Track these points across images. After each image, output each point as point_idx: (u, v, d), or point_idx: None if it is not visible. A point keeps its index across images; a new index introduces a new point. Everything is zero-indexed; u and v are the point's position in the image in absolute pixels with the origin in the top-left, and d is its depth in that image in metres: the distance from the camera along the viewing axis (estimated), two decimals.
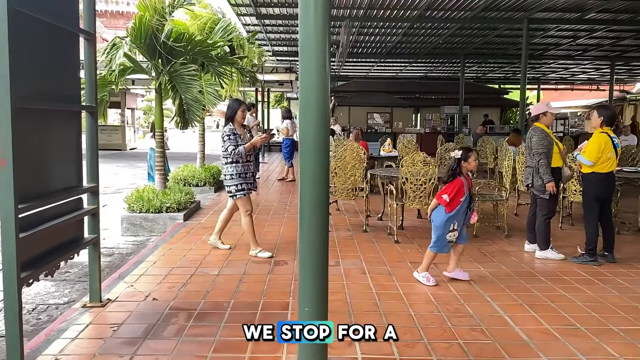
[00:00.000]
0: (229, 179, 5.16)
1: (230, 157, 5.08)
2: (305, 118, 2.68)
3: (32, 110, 2.88)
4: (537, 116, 5.44)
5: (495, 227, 6.57)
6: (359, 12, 13.40)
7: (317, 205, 2.72)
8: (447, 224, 4.30)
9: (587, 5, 12.56)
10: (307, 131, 2.68)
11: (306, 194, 2.71)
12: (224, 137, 5.09)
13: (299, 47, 2.69)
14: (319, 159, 2.68)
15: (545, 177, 5.18)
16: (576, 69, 24.49)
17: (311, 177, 2.69)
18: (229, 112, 5.20)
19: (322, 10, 2.61)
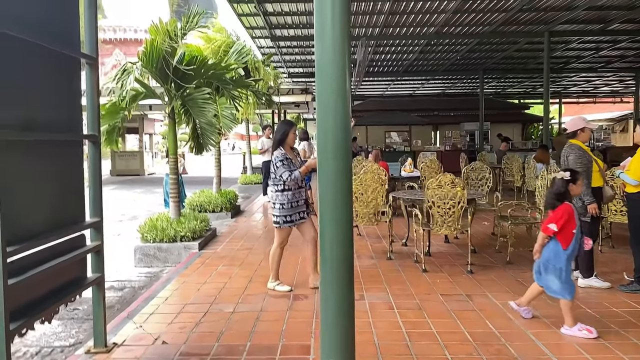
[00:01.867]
0: (279, 209, 4.67)
1: (283, 184, 4.63)
2: (325, 143, 2.38)
3: (22, 141, 2.62)
4: (574, 132, 5.05)
5: (530, 251, 6.10)
6: (375, 30, 13.22)
7: (340, 239, 2.40)
8: (569, 263, 3.76)
9: (610, 16, 12.18)
10: (326, 156, 2.39)
11: (327, 225, 2.39)
12: (277, 163, 4.62)
13: (316, 68, 2.40)
14: (341, 186, 2.38)
15: (587, 198, 4.76)
16: (599, 82, 23.92)
17: (333, 207, 2.38)
18: (279, 135, 4.75)
19: (341, 29, 2.33)
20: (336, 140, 2.38)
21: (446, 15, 11.87)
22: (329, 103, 2.37)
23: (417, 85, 23.90)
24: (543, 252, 3.81)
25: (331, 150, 2.39)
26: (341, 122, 2.38)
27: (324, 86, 2.38)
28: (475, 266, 5.56)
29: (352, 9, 11.40)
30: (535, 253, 3.85)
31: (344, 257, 2.44)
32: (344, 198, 2.41)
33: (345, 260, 2.44)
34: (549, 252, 3.77)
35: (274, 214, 4.76)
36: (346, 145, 2.39)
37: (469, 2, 11.00)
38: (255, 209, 10.97)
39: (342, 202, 2.42)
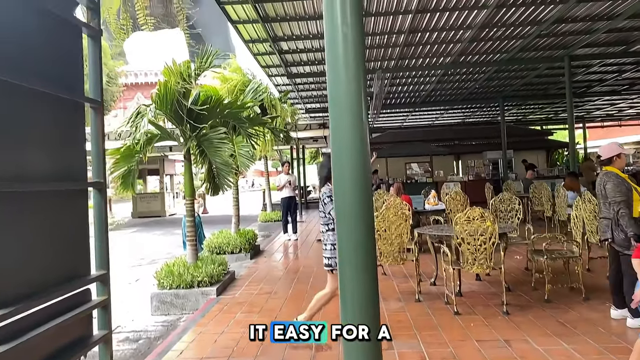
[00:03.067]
0: (330, 250, 4.30)
1: (334, 222, 4.40)
2: (341, 179, 2.15)
3: (14, 192, 2.44)
4: (609, 159, 4.72)
5: (569, 288, 5.68)
6: (391, 63, 13.14)
7: (363, 283, 2.12)
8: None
9: (632, 37, 11.87)
10: (343, 194, 2.15)
11: (348, 268, 2.13)
12: (324, 199, 4.34)
13: (329, 103, 2.20)
14: (362, 224, 2.13)
15: (630, 229, 4.38)
16: (623, 104, 23.36)
17: (353, 247, 2.12)
18: (325, 171, 4.45)
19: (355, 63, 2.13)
20: (354, 177, 2.14)
21: (462, 45, 11.72)
22: (344, 139, 2.15)
23: (436, 115, 23.68)
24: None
25: (349, 188, 2.15)
26: (359, 157, 2.15)
27: (338, 121, 2.16)
28: (511, 306, 5.16)
29: (367, 42, 11.37)
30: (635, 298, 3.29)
31: (368, 304, 2.16)
32: (365, 237, 2.15)
33: (369, 307, 2.16)
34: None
35: (325, 255, 4.38)
36: (366, 183, 2.14)
37: (485, 31, 10.85)
38: (276, 248, 10.70)
39: (363, 241, 2.16)
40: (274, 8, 9.20)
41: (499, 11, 9.57)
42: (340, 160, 2.15)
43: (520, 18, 10.07)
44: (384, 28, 10.47)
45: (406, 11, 9.45)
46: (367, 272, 2.15)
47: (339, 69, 2.11)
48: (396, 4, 9.10)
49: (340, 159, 2.15)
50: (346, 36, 2.11)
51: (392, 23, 10.13)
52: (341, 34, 2.11)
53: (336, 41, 2.13)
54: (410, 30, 10.52)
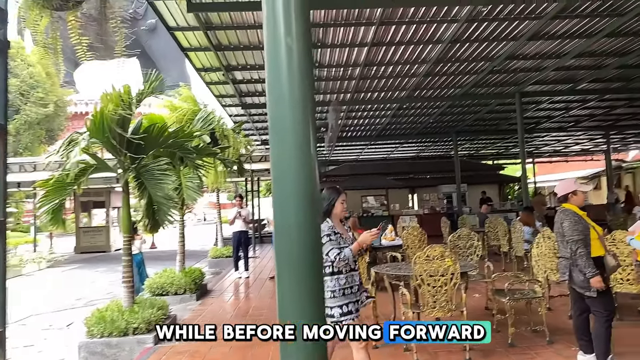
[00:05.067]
0: (331, 298, 3.65)
1: (332, 265, 3.68)
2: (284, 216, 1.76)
3: None
4: (565, 196, 4.53)
5: (532, 330, 5.41)
6: (346, 96, 13.04)
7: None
8: None
9: (578, 75, 12.27)
10: (285, 233, 1.75)
11: (291, 315, 1.73)
12: (322, 238, 3.62)
13: (270, 126, 1.82)
14: (308, 269, 1.73)
15: (588, 270, 4.16)
16: (570, 141, 24.28)
17: (296, 294, 1.72)
18: (325, 205, 3.85)
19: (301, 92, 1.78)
20: (299, 213, 1.75)
21: (417, 79, 11.76)
22: (288, 164, 1.76)
23: (392, 149, 23.82)
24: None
25: (294, 225, 1.75)
26: (306, 187, 1.76)
27: (281, 146, 1.78)
28: (475, 351, 4.82)
29: (322, 74, 11.21)
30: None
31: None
32: (312, 284, 1.74)
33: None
34: None
35: (326, 306, 3.64)
36: (313, 220, 1.75)
37: (439, 65, 10.91)
38: (225, 287, 10.05)
39: (309, 289, 1.75)
40: (227, 36, 8.88)
41: (453, 46, 9.62)
42: (282, 191, 1.77)
43: (473, 54, 10.17)
44: (339, 60, 10.34)
45: (362, 44, 9.35)
46: (313, 315, 1.75)
47: (282, 87, 1.74)
48: (352, 36, 8.98)
49: (282, 189, 1.76)
50: (290, 49, 1.75)
51: (348, 55, 10.02)
52: (285, 46, 1.75)
53: (279, 55, 1.76)
54: (365, 64, 10.44)
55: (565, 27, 8.82)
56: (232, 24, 8.33)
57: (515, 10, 8.05)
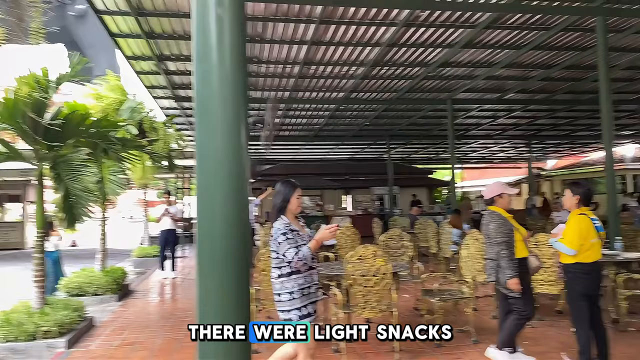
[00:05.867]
0: (287, 300, 3.43)
1: (289, 265, 3.46)
2: (210, 214, 1.58)
3: None
4: (491, 199, 4.64)
5: (459, 330, 5.51)
6: (285, 94, 12.88)
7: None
8: None
9: (506, 85, 12.84)
10: (209, 231, 1.58)
11: (212, 318, 1.56)
12: (278, 237, 3.47)
13: (196, 106, 1.64)
14: (232, 269, 1.57)
15: (508, 272, 4.29)
16: (495, 148, 25.50)
17: (220, 296, 1.55)
18: (279, 200, 3.61)
19: (233, 54, 1.60)
20: (226, 211, 1.58)
21: (355, 81, 11.82)
22: (216, 149, 1.59)
23: (328, 150, 23.93)
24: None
25: (219, 224, 1.58)
26: (233, 176, 1.59)
27: (209, 130, 1.60)
28: (403, 352, 4.82)
29: (261, 70, 10.98)
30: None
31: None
32: (236, 285, 1.58)
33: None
34: None
35: (281, 309, 3.48)
36: (241, 217, 1.59)
37: (376, 69, 11.02)
38: (149, 288, 9.55)
39: (232, 289, 1.59)
40: (160, 23, 8.45)
41: (390, 50, 9.74)
42: (207, 176, 1.59)
43: (409, 58, 10.35)
44: (278, 57, 10.16)
45: (302, 41, 9.23)
46: (237, 318, 1.59)
47: (210, 60, 1.56)
48: (292, 33, 8.84)
49: (207, 175, 1.58)
50: (221, 19, 1.58)
51: (288, 52, 9.87)
52: (215, 15, 1.58)
53: (208, 25, 1.58)
54: (305, 62, 10.33)
55: (497, 37, 9.17)
56: (165, 10, 7.93)
57: (451, 18, 8.26)
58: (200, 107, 1.59)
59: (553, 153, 29.37)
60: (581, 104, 14.62)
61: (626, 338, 5.16)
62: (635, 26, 8.58)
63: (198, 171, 1.59)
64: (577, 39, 9.36)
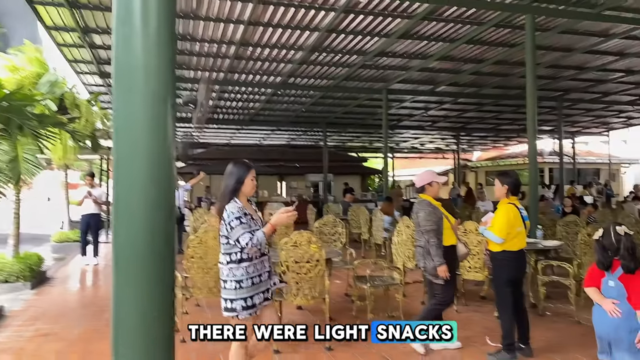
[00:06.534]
0: (233, 289, 3.21)
1: (241, 252, 3.22)
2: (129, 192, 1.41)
3: None
4: (422, 187, 4.71)
5: (389, 316, 5.60)
6: (219, 75, 12.48)
7: (155, 331, 1.42)
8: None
9: (438, 78, 13.19)
10: (129, 211, 1.41)
11: (126, 314, 1.40)
12: (231, 221, 3.20)
13: (113, 73, 1.45)
14: (153, 256, 1.42)
15: (436, 259, 4.38)
16: (426, 139, 26.31)
17: (134, 284, 1.39)
18: (232, 181, 3.31)
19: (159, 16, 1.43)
20: (146, 193, 1.41)
21: (292, 66, 11.66)
22: (137, 127, 1.41)
23: (264, 135, 23.63)
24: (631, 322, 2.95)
25: (138, 207, 1.41)
26: (157, 164, 1.42)
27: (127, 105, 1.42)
28: (335, 340, 4.79)
29: (194, 49, 10.54)
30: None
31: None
32: (160, 275, 1.43)
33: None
34: (633, 318, 2.96)
35: (225, 297, 3.28)
36: (164, 200, 1.43)
37: (314, 54, 10.92)
38: (69, 274, 8.98)
39: (156, 280, 1.43)
40: None
41: (329, 36, 9.66)
42: (127, 162, 1.42)
43: (347, 46, 10.33)
44: (214, 36, 9.78)
45: (238, 21, 8.92)
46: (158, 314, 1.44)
47: (134, 26, 1.38)
48: (228, 11, 8.51)
49: (126, 152, 1.41)
50: None
51: (223, 32, 9.51)
52: None
53: None
54: (241, 43, 10.02)
55: (432, 29, 9.34)
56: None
57: (390, 7, 8.29)
58: (119, 75, 1.41)
59: (478, 145, 30.79)
60: (507, 98, 15.34)
61: (544, 322, 5.47)
62: (560, 26, 9.05)
63: (115, 148, 1.41)
64: (506, 35, 9.74)
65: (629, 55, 11.04)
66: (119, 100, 1.44)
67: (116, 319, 1.42)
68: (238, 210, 3.22)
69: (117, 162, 1.41)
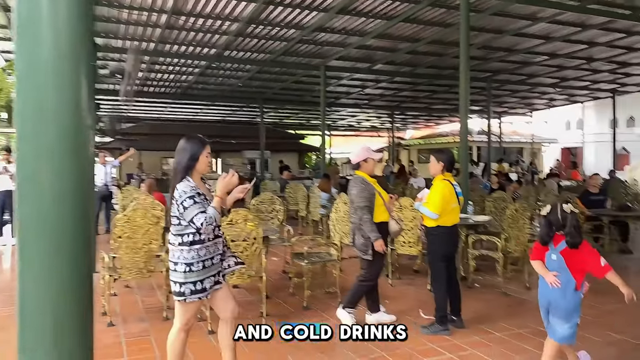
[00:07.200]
0: (182, 272, 3.01)
1: (195, 234, 3.02)
2: (36, 165, 1.23)
3: None
4: (357, 164, 4.68)
5: (326, 292, 5.62)
6: (150, 45, 11.81)
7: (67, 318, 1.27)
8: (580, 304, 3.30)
9: (376, 56, 13.25)
10: (37, 187, 1.24)
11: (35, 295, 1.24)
12: (184, 201, 2.97)
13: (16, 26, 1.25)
14: (66, 236, 1.26)
15: (372, 234, 4.39)
16: (362, 117, 26.60)
17: (42, 263, 1.23)
18: (185, 159, 3.08)
19: None
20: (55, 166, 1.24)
21: (228, 38, 11.24)
22: (40, 89, 1.22)
23: (197, 110, 22.86)
24: (564, 296, 3.22)
25: (47, 183, 1.24)
26: (68, 134, 1.25)
27: (30, 61, 1.22)
28: (271, 317, 4.76)
29: (122, 16, 9.88)
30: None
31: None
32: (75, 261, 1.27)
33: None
34: (568, 293, 3.22)
35: (174, 279, 3.07)
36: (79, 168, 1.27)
37: (251, 26, 10.57)
38: None
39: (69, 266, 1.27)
40: None
41: (266, 7, 9.36)
42: (33, 128, 1.23)
43: (285, 19, 10.08)
44: (143, 3, 9.19)
45: None
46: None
47: None
48: None
49: (32, 127, 1.23)
50: None
51: None
52: None
53: None
54: (173, 11, 9.50)
55: (371, 5, 9.29)
56: None
57: None
58: (22, 28, 1.21)
59: (412, 124, 31.59)
60: (441, 78, 15.73)
61: (473, 294, 5.70)
62: (492, 7, 9.30)
63: (18, 111, 1.22)
64: (442, 15, 9.88)
65: (554, 39, 11.59)
66: (22, 57, 1.24)
67: (22, 305, 1.25)
68: (191, 190, 3.01)
69: (20, 128, 1.22)
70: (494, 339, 4.24)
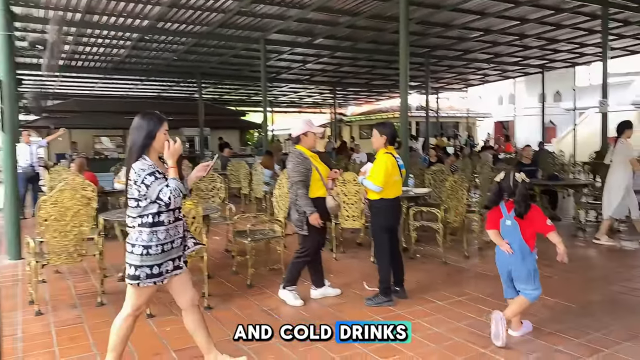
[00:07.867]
0: (138, 255, 2.83)
1: (158, 214, 2.86)
2: None
3: None
4: (297, 137, 4.57)
5: (270, 269, 5.54)
6: (75, 15, 11.02)
7: None
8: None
9: (316, 30, 13.08)
10: None
11: None
12: (145, 178, 2.78)
13: None
14: None
15: (308, 209, 4.33)
16: (304, 93, 26.40)
17: None
18: (141, 137, 2.87)
19: None
20: None
21: (161, 9, 10.69)
22: None
23: (131, 86, 21.76)
24: (524, 258, 3.46)
25: None
26: None
27: None
28: (213, 297, 4.62)
29: None
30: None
31: None
32: None
33: None
34: (527, 255, 3.47)
35: (129, 262, 2.87)
36: None
37: None
38: None
39: None
40: None
41: None
42: None
43: None
44: None
45: None
46: None
47: None
48: None
49: None
50: None
51: None
52: None
53: None
54: None
55: None
56: None
57: None
58: None
59: (353, 100, 31.75)
60: (380, 54, 15.80)
61: (415, 264, 5.82)
62: None
63: None
64: None
65: (488, 15, 11.87)
66: None
67: None
68: (149, 167, 2.83)
69: None
70: (435, 308, 4.34)
